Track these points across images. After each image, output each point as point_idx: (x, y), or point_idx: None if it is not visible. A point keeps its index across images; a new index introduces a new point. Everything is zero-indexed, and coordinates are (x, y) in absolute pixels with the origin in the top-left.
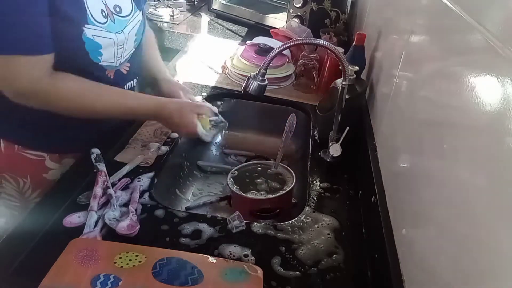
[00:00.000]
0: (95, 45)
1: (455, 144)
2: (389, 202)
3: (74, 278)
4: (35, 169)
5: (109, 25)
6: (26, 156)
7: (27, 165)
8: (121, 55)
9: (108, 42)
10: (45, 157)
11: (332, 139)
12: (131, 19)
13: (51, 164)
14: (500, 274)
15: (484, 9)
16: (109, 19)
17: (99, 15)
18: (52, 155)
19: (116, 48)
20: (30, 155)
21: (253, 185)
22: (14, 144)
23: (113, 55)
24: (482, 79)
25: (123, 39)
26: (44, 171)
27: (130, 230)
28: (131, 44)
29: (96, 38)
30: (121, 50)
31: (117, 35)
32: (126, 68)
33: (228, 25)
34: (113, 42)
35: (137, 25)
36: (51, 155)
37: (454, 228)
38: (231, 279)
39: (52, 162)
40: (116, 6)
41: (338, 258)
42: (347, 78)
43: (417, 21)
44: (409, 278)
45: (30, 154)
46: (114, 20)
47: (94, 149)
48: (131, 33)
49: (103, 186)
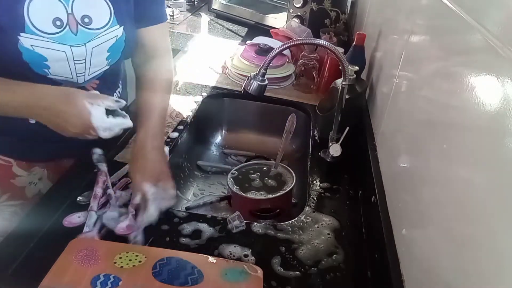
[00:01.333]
0: (36, 56)
1: (455, 144)
2: (389, 202)
3: (74, 278)
4: (2, 174)
5: (62, 37)
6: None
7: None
8: (84, 71)
9: (57, 55)
10: (12, 163)
11: (332, 139)
12: (102, 33)
13: (18, 170)
14: (500, 274)
15: (484, 9)
16: (66, 30)
17: (47, 25)
18: (19, 162)
19: (72, 63)
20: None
21: (253, 185)
22: None
23: (68, 69)
24: (482, 79)
25: (82, 53)
26: (11, 176)
27: (129, 230)
28: (101, 60)
29: (37, 48)
30: (82, 66)
31: (73, 48)
32: (93, 86)
33: (228, 25)
34: (65, 55)
35: (112, 40)
36: (18, 162)
37: (454, 228)
38: (231, 279)
39: (19, 168)
40: (85, 17)
41: (338, 258)
42: (347, 78)
43: (417, 21)
44: (409, 278)
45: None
46: (76, 32)
47: (96, 149)
48: (98, 48)
49: (103, 186)
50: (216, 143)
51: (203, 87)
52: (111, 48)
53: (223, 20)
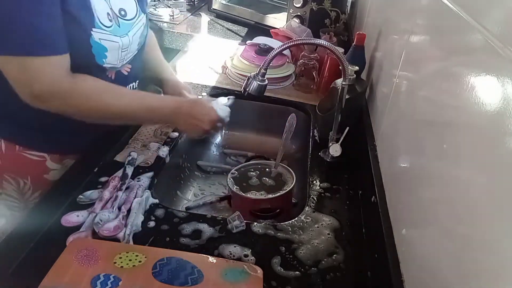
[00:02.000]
0: (101, 48)
1: (455, 144)
2: (389, 202)
3: (74, 278)
4: (36, 170)
5: (114, 29)
6: (27, 156)
7: (27, 165)
8: (124, 57)
9: (114, 46)
10: (46, 157)
11: (332, 139)
12: (135, 22)
13: (52, 164)
14: (500, 274)
15: (484, 9)
16: (114, 23)
17: (105, 19)
18: (53, 156)
19: (120, 51)
20: (31, 155)
21: (253, 185)
22: (15, 144)
23: (117, 57)
24: (482, 79)
25: (127, 42)
26: (45, 171)
27: (116, 231)
28: (135, 46)
29: (103, 41)
30: (125, 53)
31: (121, 39)
32: (127, 70)
33: (228, 25)
34: (118, 45)
35: (141, 28)
36: (52, 156)
37: (454, 228)
38: (231, 279)
39: (53, 162)
40: (121, 10)
41: (338, 258)
42: (347, 78)
43: (417, 21)
44: (409, 278)
45: (31, 155)
46: (119, 24)
47: (132, 153)
48: (135, 36)
49: (112, 191)
50: (216, 143)
51: (203, 87)
52: (141, 34)
53: (223, 20)
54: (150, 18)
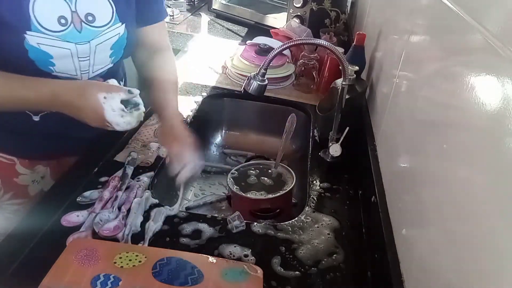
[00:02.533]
0: (42, 53)
1: (455, 144)
2: (389, 202)
3: (74, 278)
4: (6, 172)
5: (66, 34)
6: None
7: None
8: (88, 68)
9: (62, 52)
10: (15, 161)
11: (332, 139)
12: (105, 31)
13: (21, 169)
14: (500, 274)
15: (484, 9)
16: (71, 28)
17: (52, 23)
18: (22, 160)
19: (77, 60)
20: (1, 157)
21: (253, 185)
22: None
23: (72, 67)
24: (482, 79)
25: (86, 50)
26: (15, 175)
27: (116, 232)
28: (104, 57)
29: (43, 46)
30: (86, 63)
31: (77, 46)
32: None
33: (228, 25)
34: (70, 52)
35: (114, 38)
36: (21, 160)
37: (454, 228)
38: (231, 279)
39: (22, 167)
40: (88, 15)
41: (338, 258)
42: (347, 78)
43: (417, 21)
44: (409, 278)
45: (1, 157)
46: (80, 29)
47: (132, 153)
48: (102, 45)
49: (112, 191)
50: (216, 143)
51: (203, 87)
52: (114, 45)
53: (223, 20)
54: None
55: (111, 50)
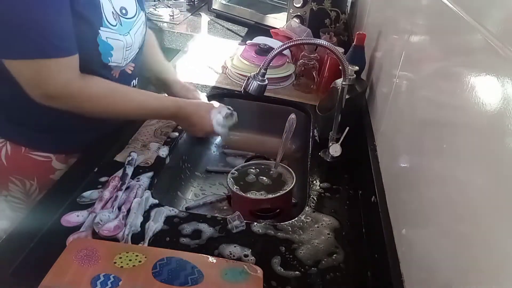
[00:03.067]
0: (108, 47)
1: (455, 144)
2: (389, 202)
3: (74, 278)
4: (42, 170)
5: (118, 28)
6: (32, 157)
7: (33, 166)
8: (128, 56)
9: (119, 44)
10: (51, 158)
11: (332, 139)
12: (136, 21)
13: (58, 164)
14: (500, 274)
15: (484, 9)
16: (118, 21)
17: (111, 18)
18: (59, 156)
19: (125, 50)
20: (37, 156)
21: (253, 185)
22: (20, 146)
23: (122, 56)
24: (482, 79)
25: (131, 40)
26: (51, 172)
27: (116, 231)
28: (137, 45)
29: (109, 40)
30: (129, 51)
31: (125, 37)
32: (131, 68)
33: (228, 25)
34: (123, 44)
35: (142, 26)
36: (58, 156)
37: (454, 227)
38: (231, 279)
39: (58, 162)
40: (122, 8)
41: (338, 258)
42: (347, 78)
43: (417, 21)
44: (409, 278)
45: (37, 156)
46: (121, 22)
47: (133, 153)
48: (136, 34)
49: (112, 191)
50: (216, 143)
51: (203, 87)
52: (141, 33)
53: (223, 20)
54: (150, 18)
55: (140, 38)
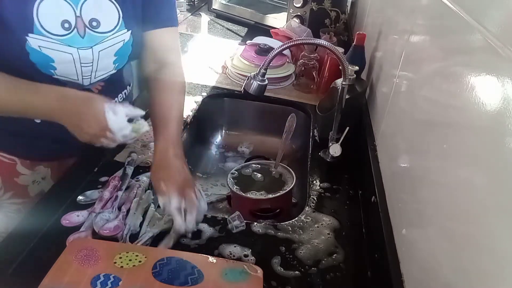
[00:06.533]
0: (43, 57)
1: (455, 144)
2: (389, 202)
3: (74, 278)
4: (6, 172)
5: (69, 39)
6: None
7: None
8: (90, 74)
9: (64, 56)
10: (16, 161)
11: (332, 139)
12: (109, 37)
13: (22, 169)
14: (500, 274)
15: (484, 9)
16: (74, 32)
17: (55, 27)
18: (23, 161)
19: (79, 65)
20: (2, 157)
21: (253, 185)
22: None
23: (75, 71)
24: (482, 79)
25: (89, 56)
26: (15, 175)
27: (116, 231)
28: (107, 64)
29: (44, 49)
30: (89, 69)
31: (79, 51)
32: (98, 88)
33: (228, 25)
34: (72, 57)
35: (119, 44)
36: (22, 161)
37: (454, 228)
38: (231, 279)
39: (23, 167)
40: (93, 20)
41: (338, 258)
42: (347, 78)
43: (417, 21)
44: (409, 278)
45: (2, 157)
46: (83, 35)
47: (133, 154)
48: (105, 51)
49: (112, 191)
50: (216, 143)
51: (203, 87)
52: (118, 52)
53: (223, 20)
54: None
55: (115, 57)
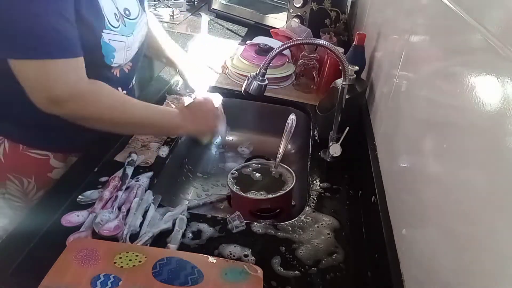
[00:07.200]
0: (110, 48)
1: (455, 144)
2: (389, 202)
3: (74, 278)
4: (40, 169)
5: (121, 29)
6: (30, 155)
7: (31, 164)
8: (128, 56)
9: (121, 45)
10: (49, 156)
11: (332, 139)
12: (138, 21)
13: (56, 163)
14: (500, 274)
15: (484, 9)
16: (121, 23)
17: (113, 20)
18: (56, 154)
19: (126, 51)
20: (35, 154)
21: (253, 185)
22: (18, 143)
23: (123, 56)
24: (482, 79)
25: (132, 41)
26: (49, 170)
27: (116, 231)
28: (137, 45)
29: (112, 42)
30: (130, 53)
31: (128, 38)
32: (129, 67)
33: (228, 25)
34: (125, 45)
35: (144, 27)
36: (56, 154)
37: (454, 228)
38: (231, 279)
39: (56, 161)
40: (125, 9)
41: (338, 258)
42: (347, 78)
43: (417, 21)
44: (409, 278)
45: (35, 154)
46: (125, 23)
47: (133, 154)
48: (139, 35)
49: (112, 191)
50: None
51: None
52: (143, 33)
53: (223, 20)
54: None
55: (141, 38)
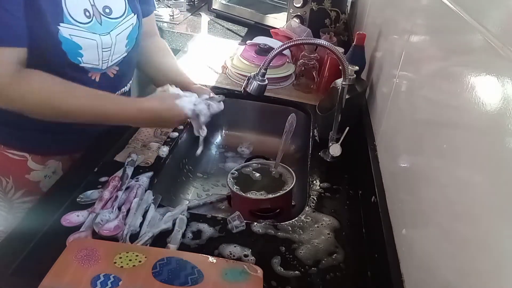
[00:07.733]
0: (73, 45)
1: (455, 144)
2: (389, 202)
3: (74, 278)
4: (17, 169)
5: (92, 26)
6: (8, 155)
7: (9, 164)
8: (108, 58)
9: (90, 43)
10: (27, 157)
11: (332, 139)
12: (121, 22)
13: (33, 165)
14: (500, 274)
15: (484, 9)
16: (94, 20)
17: (80, 15)
18: (35, 156)
19: (101, 51)
20: (13, 154)
21: (253, 185)
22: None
23: (97, 57)
24: (482, 79)
25: (109, 41)
26: (26, 171)
27: (116, 231)
28: (121, 47)
29: (74, 38)
30: (108, 53)
31: (101, 37)
32: (114, 72)
33: (228, 25)
34: (96, 43)
35: (129, 28)
36: (34, 156)
37: (454, 228)
38: (231, 279)
39: (34, 163)
40: (105, 7)
41: (338, 258)
42: (347, 78)
43: (417, 21)
44: (409, 278)
45: (13, 154)
46: (100, 21)
47: (133, 154)
48: (120, 36)
49: (112, 191)
50: (216, 143)
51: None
52: (129, 35)
53: (223, 20)
54: None
55: (126, 40)
